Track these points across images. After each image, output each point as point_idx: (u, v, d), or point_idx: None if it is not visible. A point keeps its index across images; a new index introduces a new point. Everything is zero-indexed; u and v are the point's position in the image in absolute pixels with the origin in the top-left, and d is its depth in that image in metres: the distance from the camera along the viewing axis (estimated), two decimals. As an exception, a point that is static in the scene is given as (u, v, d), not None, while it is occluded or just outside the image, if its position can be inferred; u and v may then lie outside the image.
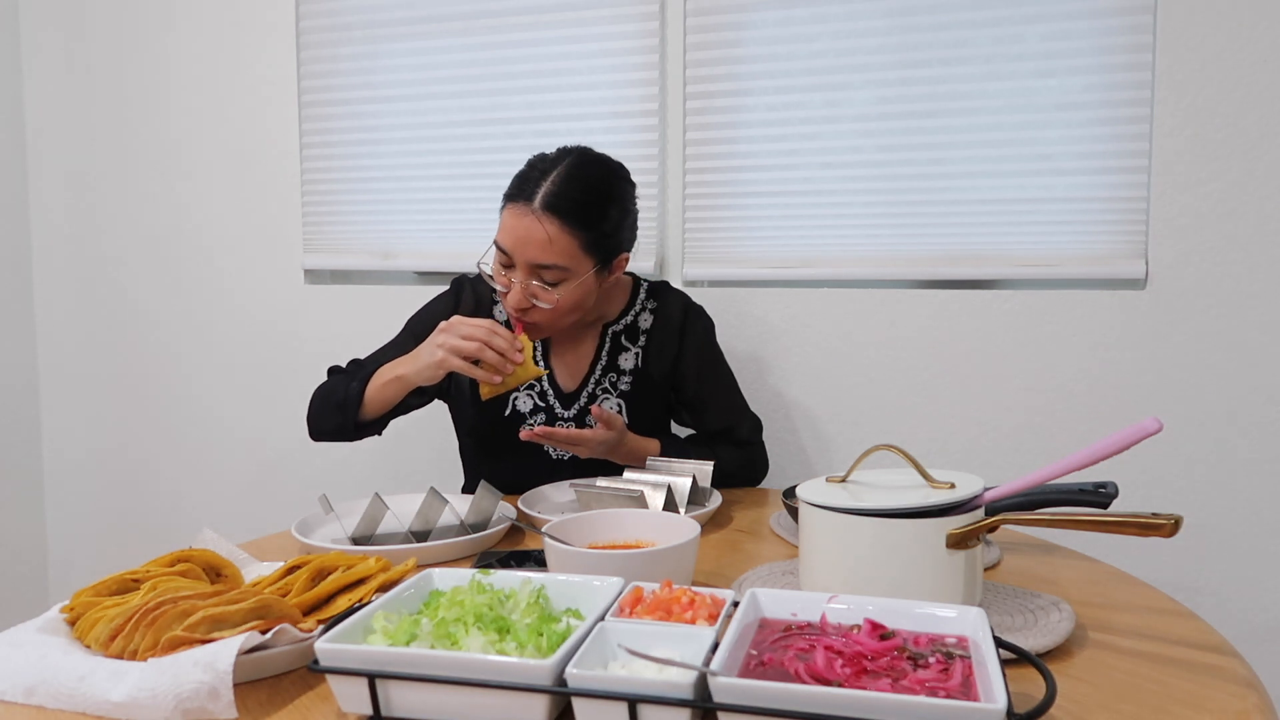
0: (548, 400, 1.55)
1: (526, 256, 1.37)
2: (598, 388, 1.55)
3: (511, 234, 1.38)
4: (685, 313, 1.60)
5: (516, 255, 1.38)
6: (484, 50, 2.05)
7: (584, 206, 1.38)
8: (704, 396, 1.61)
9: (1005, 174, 1.75)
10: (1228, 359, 1.66)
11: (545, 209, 1.36)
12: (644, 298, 1.60)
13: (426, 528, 1.20)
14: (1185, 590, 1.68)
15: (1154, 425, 0.83)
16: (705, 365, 1.61)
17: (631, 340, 1.57)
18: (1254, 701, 0.75)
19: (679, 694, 0.64)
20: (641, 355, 1.57)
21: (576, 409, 1.55)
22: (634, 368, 1.56)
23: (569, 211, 1.36)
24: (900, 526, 0.86)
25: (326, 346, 2.25)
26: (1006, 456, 1.79)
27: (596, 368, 1.56)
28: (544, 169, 1.40)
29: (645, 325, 1.58)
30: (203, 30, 2.31)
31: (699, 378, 1.60)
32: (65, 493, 2.57)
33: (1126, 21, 1.67)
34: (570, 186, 1.38)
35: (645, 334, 1.58)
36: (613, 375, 1.56)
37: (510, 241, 1.38)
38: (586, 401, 1.55)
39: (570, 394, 1.55)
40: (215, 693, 0.72)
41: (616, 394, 1.55)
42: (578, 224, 1.37)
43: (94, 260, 2.47)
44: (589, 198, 1.39)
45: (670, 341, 1.58)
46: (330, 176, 2.22)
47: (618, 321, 1.58)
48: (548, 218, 1.35)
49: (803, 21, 1.84)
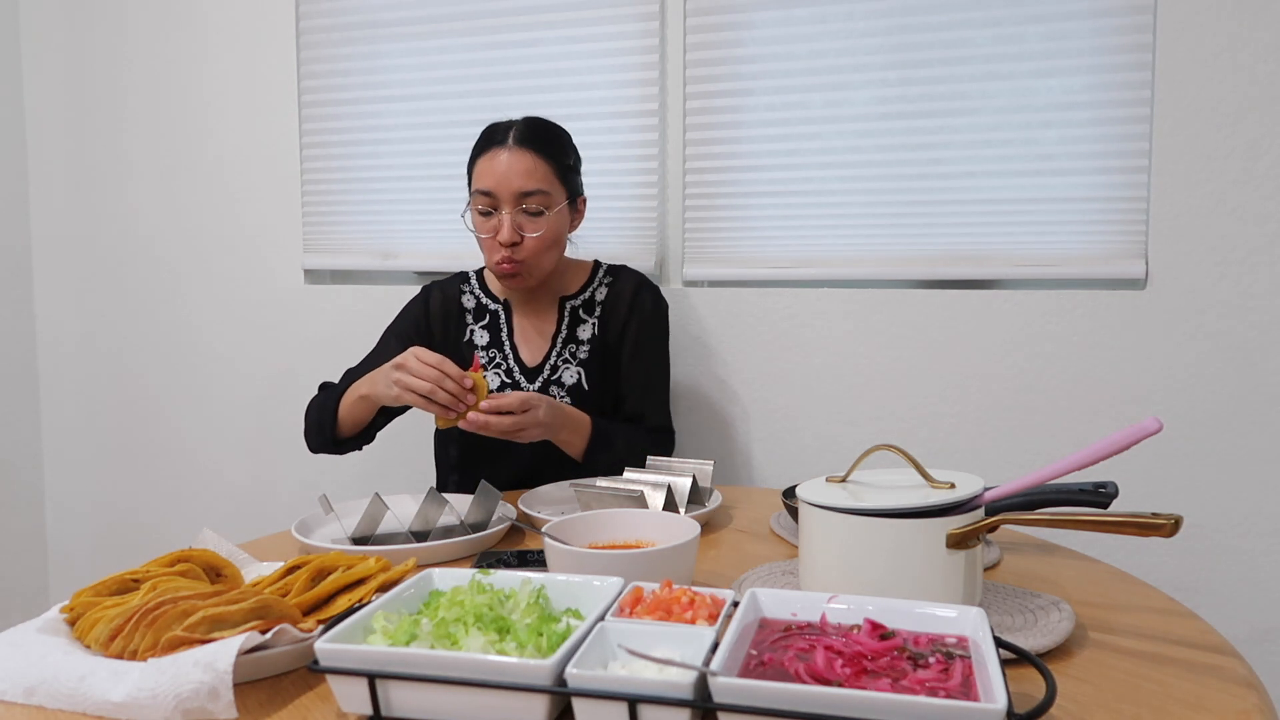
0: (513, 376, 1.62)
1: (512, 187, 1.51)
2: (559, 359, 1.62)
3: (492, 173, 1.52)
4: (639, 288, 1.69)
5: (501, 190, 1.51)
6: (484, 50, 2.05)
7: (549, 140, 1.57)
8: (632, 372, 1.65)
9: (1005, 174, 1.75)
10: (1228, 359, 1.66)
11: (519, 143, 1.53)
12: (602, 275, 1.71)
13: (426, 528, 1.20)
14: (1185, 590, 1.68)
15: (1154, 425, 0.83)
16: (645, 339, 1.67)
17: (588, 312, 1.67)
18: (1254, 701, 0.75)
19: (679, 694, 0.64)
20: (597, 325, 1.65)
21: (540, 381, 1.62)
22: (591, 336, 1.64)
23: (540, 143, 1.54)
24: (900, 526, 0.85)
25: (326, 346, 2.26)
26: (1006, 456, 1.79)
27: (557, 340, 1.64)
28: (505, 124, 1.57)
29: (601, 298, 1.68)
30: (203, 30, 2.31)
31: (635, 349, 1.66)
32: (65, 493, 2.57)
33: (1126, 21, 1.67)
34: (534, 125, 1.57)
35: (601, 305, 1.67)
36: (572, 346, 1.64)
37: (493, 180, 1.52)
38: (549, 374, 1.62)
39: (534, 368, 1.63)
40: (215, 693, 0.72)
41: (576, 363, 1.63)
42: (549, 153, 1.55)
43: (94, 260, 2.47)
44: (550, 133, 1.58)
45: (621, 309, 1.67)
46: (330, 176, 2.22)
47: (576, 297, 1.68)
48: (523, 150, 1.52)
49: (803, 21, 1.84)
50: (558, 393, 1.61)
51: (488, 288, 1.70)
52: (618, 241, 1.99)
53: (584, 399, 1.61)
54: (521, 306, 1.67)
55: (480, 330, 1.67)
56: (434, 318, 1.69)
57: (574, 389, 1.61)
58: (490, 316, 1.67)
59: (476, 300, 1.69)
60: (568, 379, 1.61)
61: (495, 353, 1.64)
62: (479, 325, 1.67)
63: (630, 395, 1.65)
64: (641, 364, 1.66)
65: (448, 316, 1.69)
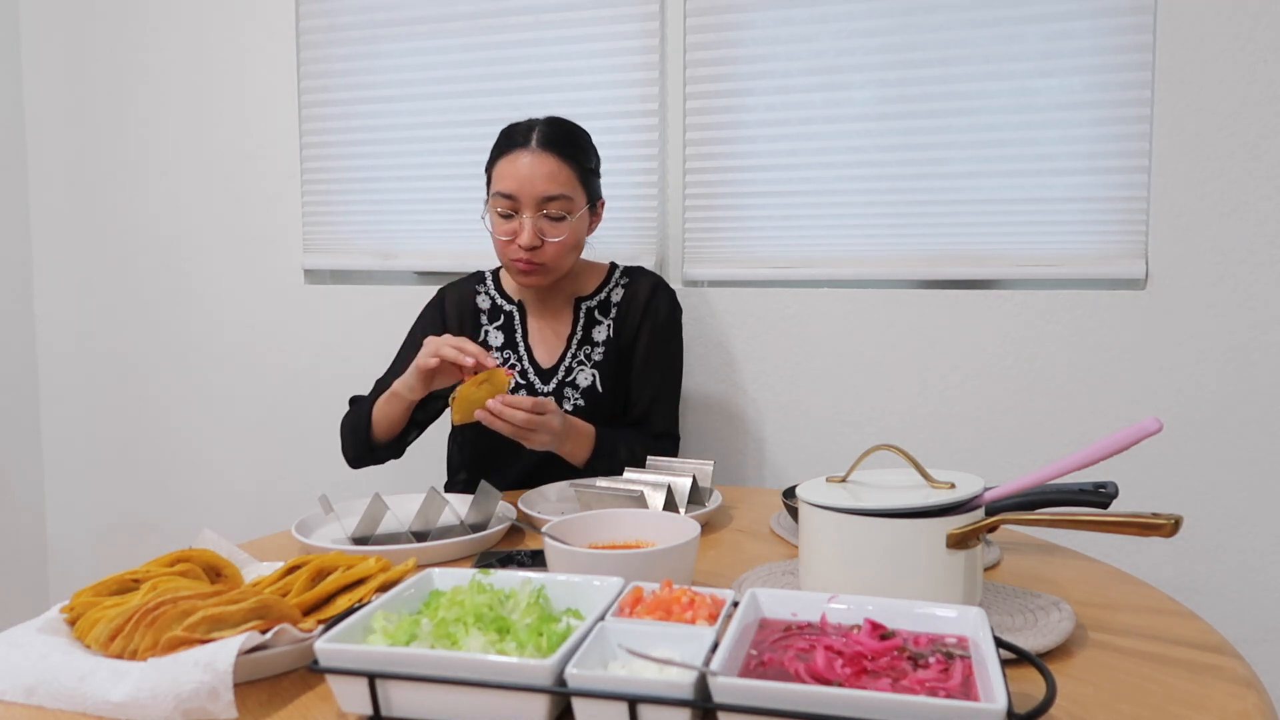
0: (527, 377, 1.62)
1: (535, 191, 1.50)
2: (574, 360, 1.62)
3: (514, 176, 1.51)
4: (654, 289, 1.68)
5: (524, 193, 1.50)
6: (484, 50, 2.05)
7: (572, 142, 1.55)
8: (643, 375, 1.65)
9: (1005, 174, 1.75)
10: (1228, 359, 1.66)
11: (542, 146, 1.52)
12: (618, 276, 1.71)
13: (426, 528, 1.20)
14: (1185, 590, 1.68)
15: (1154, 425, 0.83)
16: (658, 343, 1.66)
17: (604, 314, 1.66)
18: (1254, 701, 0.75)
19: (679, 694, 0.64)
20: (612, 326, 1.65)
21: (555, 383, 1.61)
22: (606, 338, 1.64)
23: (563, 145, 1.53)
24: (900, 526, 0.85)
25: (326, 346, 2.26)
26: (1006, 456, 1.79)
27: (572, 342, 1.64)
28: (526, 125, 1.56)
29: (616, 299, 1.67)
30: (203, 30, 2.31)
31: (648, 352, 1.65)
32: (65, 493, 2.57)
33: (1126, 21, 1.67)
34: (556, 128, 1.56)
35: (616, 306, 1.66)
36: (587, 348, 1.63)
37: (515, 183, 1.51)
38: (564, 376, 1.62)
39: (548, 369, 1.62)
40: (215, 693, 0.72)
41: (591, 365, 1.62)
42: (571, 156, 1.54)
43: (94, 260, 2.47)
44: (573, 136, 1.57)
45: (636, 312, 1.66)
46: (330, 176, 2.22)
47: (592, 298, 1.67)
48: (546, 153, 1.51)
49: (803, 21, 1.84)
50: (572, 394, 1.61)
51: (503, 288, 1.70)
52: (618, 241, 1.99)
53: (598, 401, 1.60)
54: (536, 307, 1.67)
55: (495, 331, 1.66)
56: (449, 319, 1.69)
57: (588, 391, 1.61)
58: (505, 317, 1.67)
59: (491, 301, 1.69)
60: (582, 381, 1.61)
61: (510, 353, 1.64)
62: (493, 326, 1.67)
63: (639, 399, 1.65)
64: (653, 368, 1.65)
65: (462, 317, 1.68)
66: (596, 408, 1.59)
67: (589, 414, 1.56)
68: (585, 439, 1.49)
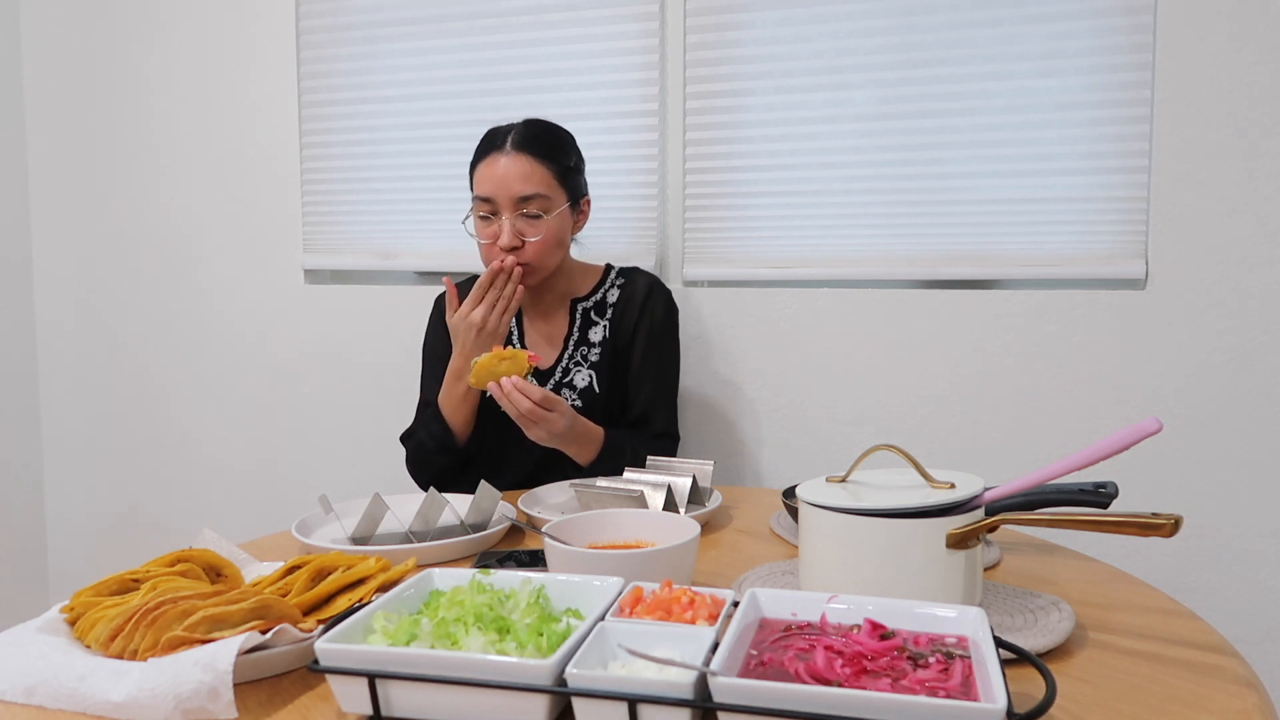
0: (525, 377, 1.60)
1: (511, 192, 1.51)
2: (570, 361, 1.63)
3: (491, 179, 1.53)
4: (650, 289, 1.69)
5: (500, 195, 1.52)
6: (484, 50, 2.05)
7: (548, 143, 1.57)
8: (640, 375, 1.66)
9: (1005, 174, 1.75)
10: (1228, 359, 1.66)
11: (517, 148, 1.53)
12: (614, 277, 1.71)
13: (426, 528, 1.20)
14: (1185, 590, 1.68)
15: (1154, 425, 0.83)
16: (654, 343, 1.67)
17: (600, 315, 1.67)
18: (1254, 701, 0.75)
19: (679, 694, 0.64)
20: (609, 327, 1.66)
21: (552, 384, 1.63)
22: (602, 339, 1.65)
23: (538, 146, 1.54)
24: (900, 526, 0.85)
25: (326, 346, 2.26)
26: (1006, 456, 1.79)
27: (569, 343, 1.65)
28: (504, 128, 1.58)
29: (613, 300, 1.68)
30: (203, 30, 2.31)
31: (644, 352, 1.66)
32: (65, 493, 2.57)
33: (1126, 21, 1.67)
34: (532, 129, 1.57)
35: (612, 307, 1.67)
36: (584, 349, 1.64)
37: (492, 186, 1.53)
38: (561, 377, 1.63)
39: (545, 371, 1.64)
40: (215, 693, 0.72)
41: (588, 366, 1.63)
42: (548, 156, 1.55)
43: (94, 260, 2.47)
44: (549, 135, 1.59)
45: (632, 312, 1.67)
46: (330, 176, 2.22)
47: (587, 299, 1.68)
48: (521, 154, 1.53)
49: (803, 21, 1.84)
50: (569, 395, 1.62)
51: None
52: (617, 241, 1.99)
53: (595, 402, 1.61)
54: (532, 309, 1.68)
55: None
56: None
57: (585, 392, 1.62)
58: None
59: None
60: (579, 381, 1.62)
61: None
62: None
63: (637, 399, 1.65)
64: (650, 368, 1.66)
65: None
66: (594, 408, 1.59)
67: (587, 415, 1.56)
68: (593, 441, 1.49)
